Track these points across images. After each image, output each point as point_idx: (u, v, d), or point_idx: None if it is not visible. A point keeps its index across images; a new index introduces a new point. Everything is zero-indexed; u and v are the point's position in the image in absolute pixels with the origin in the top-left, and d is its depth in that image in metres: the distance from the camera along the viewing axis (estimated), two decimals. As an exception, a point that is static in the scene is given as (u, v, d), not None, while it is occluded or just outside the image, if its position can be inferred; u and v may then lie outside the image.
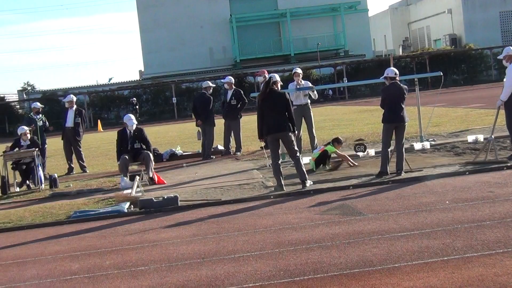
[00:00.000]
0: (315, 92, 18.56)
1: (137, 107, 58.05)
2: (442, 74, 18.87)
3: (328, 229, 9.71)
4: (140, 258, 9.16)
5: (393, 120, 13.99)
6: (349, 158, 16.19)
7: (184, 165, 19.91)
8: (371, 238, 8.88)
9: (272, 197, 12.99)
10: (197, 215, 11.99)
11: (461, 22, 77.74)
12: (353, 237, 9.08)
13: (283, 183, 13.66)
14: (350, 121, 30.87)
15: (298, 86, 18.46)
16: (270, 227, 10.32)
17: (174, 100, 62.89)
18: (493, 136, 14.71)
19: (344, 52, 78.61)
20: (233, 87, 22.13)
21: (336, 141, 16.50)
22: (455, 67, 68.45)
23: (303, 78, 19.62)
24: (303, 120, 18.49)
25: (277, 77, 14.26)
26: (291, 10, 77.12)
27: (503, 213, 9.58)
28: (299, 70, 19.02)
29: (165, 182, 16.44)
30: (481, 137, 17.60)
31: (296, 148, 13.85)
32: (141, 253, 9.44)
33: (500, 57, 15.38)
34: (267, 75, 21.89)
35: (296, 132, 18.48)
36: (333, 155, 16.20)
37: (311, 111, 18.74)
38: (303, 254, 8.40)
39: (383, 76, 14.61)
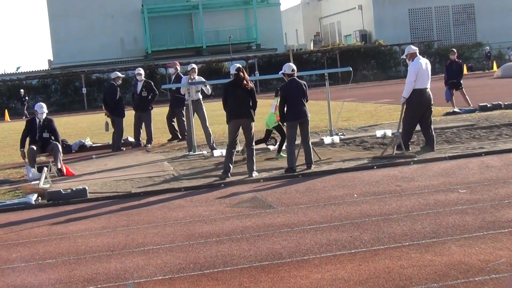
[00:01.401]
0: (208, 87, 18.67)
1: (25, 98, 56.45)
2: (352, 69, 19.15)
3: (238, 222, 9.75)
4: (47, 250, 9.02)
5: (297, 117, 13.93)
6: None
7: (93, 156, 19.67)
8: (281, 231, 8.95)
9: (183, 189, 12.95)
10: (107, 208, 11.86)
11: (371, 18, 78.96)
12: (263, 229, 9.14)
13: (230, 171, 13.75)
14: (262, 115, 30.90)
15: (190, 81, 18.52)
16: (180, 219, 10.30)
17: (84, 90, 61.93)
18: (399, 132, 15.00)
19: (256, 45, 78.87)
20: (143, 78, 21.95)
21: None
22: (365, 63, 69.69)
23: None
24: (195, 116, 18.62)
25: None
26: (203, 2, 76.90)
27: (409, 206, 9.80)
28: (195, 66, 19.19)
29: (74, 173, 16.20)
30: (389, 132, 17.93)
31: (253, 137, 13.99)
32: (48, 246, 9.29)
33: (403, 56, 15.66)
34: (178, 67, 21.92)
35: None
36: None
37: (203, 107, 18.89)
38: (213, 247, 8.41)
39: (280, 72, 14.64)
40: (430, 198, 10.26)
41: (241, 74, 13.85)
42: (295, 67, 14.30)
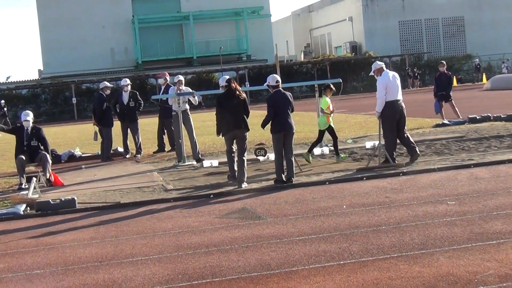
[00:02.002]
0: (196, 98, 18.65)
1: (5, 109, 56.08)
2: (341, 80, 19.18)
3: (227, 233, 9.74)
4: (35, 261, 8.98)
5: (282, 128, 13.79)
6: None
7: (83, 166, 19.62)
8: (270, 242, 8.94)
9: (172, 200, 12.93)
10: (96, 218, 11.83)
11: (361, 30, 79.23)
12: (252, 241, 9.13)
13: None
14: (252, 125, 30.91)
15: (178, 92, 18.49)
16: (169, 230, 10.28)
17: (74, 100, 61.86)
18: (381, 143, 15.11)
19: (246, 56, 79.01)
20: (129, 89, 21.90)
21: (329, 88, 16.50)
22: (355, 74, 69.88)
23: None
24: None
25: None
26: (194, 13, 77.02)
27: (398, 218, 9.81)
28: (182, 78, 19.17)
29: (63, 183, 16.16)
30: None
31: (246, 147, 14.15)
32: (36, 256, 9.25)
33: (371, 74, 15.73)
34: (168, 77, 21.88)
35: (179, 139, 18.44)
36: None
37: (191, 118, 18.88)
38: (202, 258, 8.40)
39: (265, 84, 14.57)
40: (419, 210, 10.27)
41: (233, 85, 13.87)
42: (279, 79, 14.18)
